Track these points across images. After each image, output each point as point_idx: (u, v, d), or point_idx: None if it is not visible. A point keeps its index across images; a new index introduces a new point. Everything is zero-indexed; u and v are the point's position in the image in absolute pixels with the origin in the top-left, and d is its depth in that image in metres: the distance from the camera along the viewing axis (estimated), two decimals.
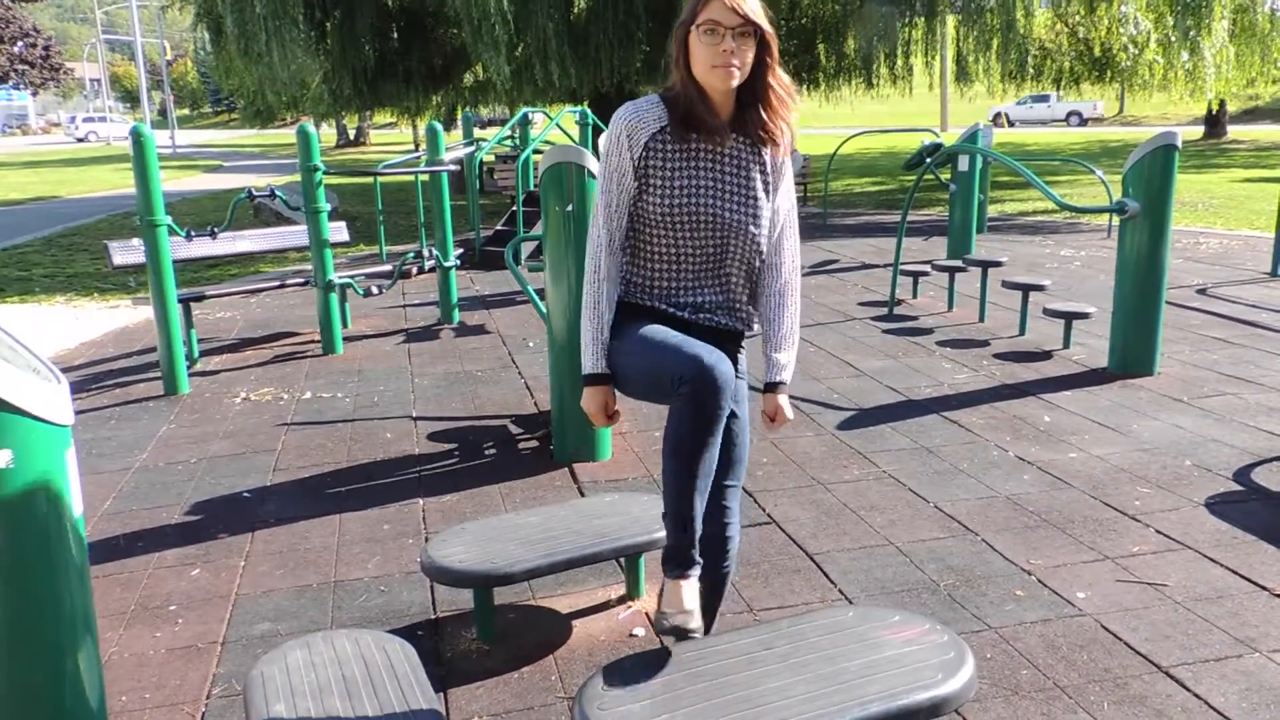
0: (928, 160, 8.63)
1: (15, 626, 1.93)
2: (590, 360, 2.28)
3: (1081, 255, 9.79)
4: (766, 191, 2.26)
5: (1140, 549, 3.37)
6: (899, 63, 15.96)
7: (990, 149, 8.22)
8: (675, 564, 2.18)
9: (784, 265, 2.33)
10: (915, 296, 7.85)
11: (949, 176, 9.65)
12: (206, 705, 2.64)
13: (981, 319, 6.97)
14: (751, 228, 2.24)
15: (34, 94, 58.09)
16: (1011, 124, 42.70)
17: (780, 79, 2.22)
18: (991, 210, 12.77)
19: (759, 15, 2.15)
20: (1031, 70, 17.31)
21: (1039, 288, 6.50)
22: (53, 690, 1.98)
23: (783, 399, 2.36)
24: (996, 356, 5.98)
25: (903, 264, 7.75)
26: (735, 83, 2.15)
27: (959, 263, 7.54)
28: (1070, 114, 42.79)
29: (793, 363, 2.35)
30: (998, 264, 7.23)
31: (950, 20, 16.38)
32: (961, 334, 6.60)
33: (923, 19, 15.59)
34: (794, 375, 5.60)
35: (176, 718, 2.59)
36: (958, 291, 7.51)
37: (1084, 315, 5.97)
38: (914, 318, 7.15)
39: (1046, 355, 5.98)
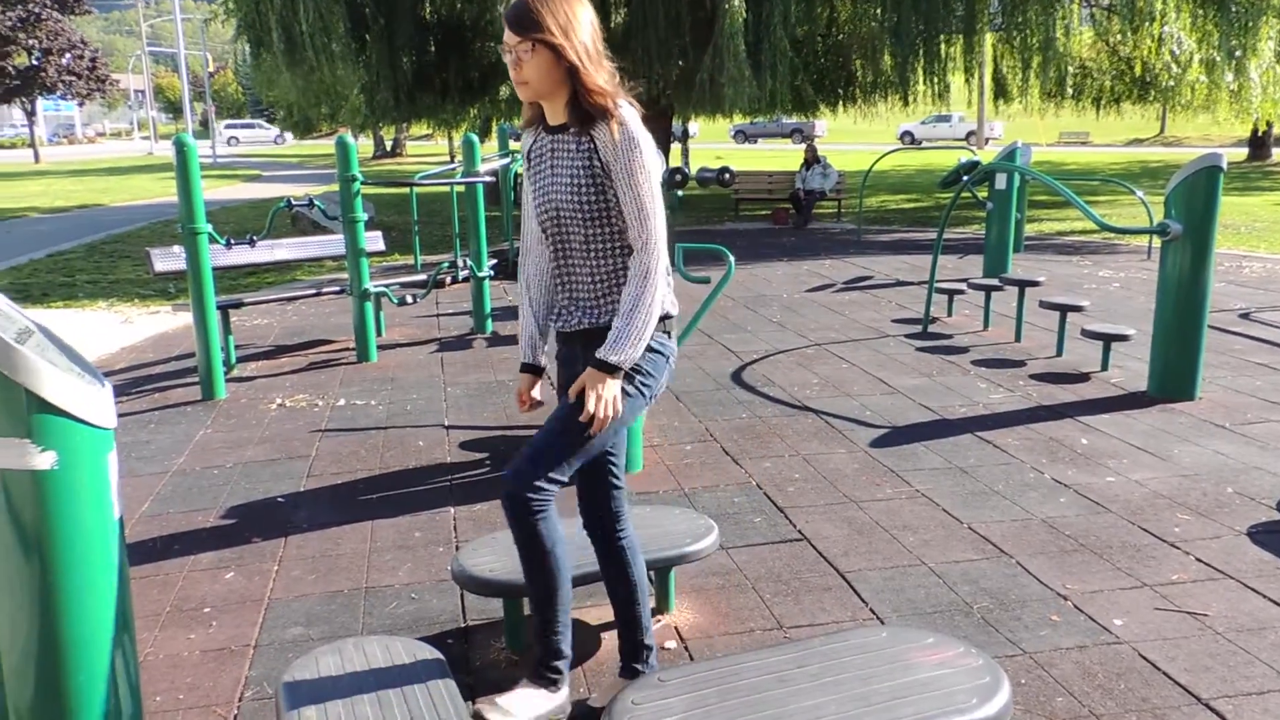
0: (964, 178, 8.57)
1: (56, 627, 1.95)
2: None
3: (1121, 276, 9.67)
4: (594, 180, 2.28)
5: (1180, 577, 3.30)
6: (936, 80, 15.87)
7: (1028, 167, 8.15)
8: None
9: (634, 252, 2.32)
10: (950, 314, 7.79)
11: (985, 195, 9.58)
12: (239, 708, 2.66)
13: (1018, 339, 6.90)
14: (574, 213, 2.31)
15: (80, 104, 59.37)
16: (917, 142, 42.21)
17: (588, 80, 2.21)
18: (1029, 229, 12.66)
19: (537, 29, 2.17)
20: (1071, 89, 17.18)
21: (1077, 308, 6.42)
22: (91, 690, 2.00)
23: (590, 376, 2.27)
24: (1033, 377, 5.91)
25: (938, 281, 7.69)
26: (525, 96, 2.27)
27: (995, 281, 7.47)
28: (969, 133, 42.35)
29: (616, 340, 2.26)
30: (1035, 283, 7.15)
31: (989, 38, 16.29)
32: (997, 353, 6.53)
33: (961, 36, 15.52)
34: (826, 390, 5.58)
35: (210, 719, 2.62)
36: (994, 311, 7.44)
37: (1123, 337, 5.89)
38: (948, 336, 7.09)
39: (1084, 377, 5.90)
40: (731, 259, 4.99)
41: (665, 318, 2.39)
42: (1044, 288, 8.28)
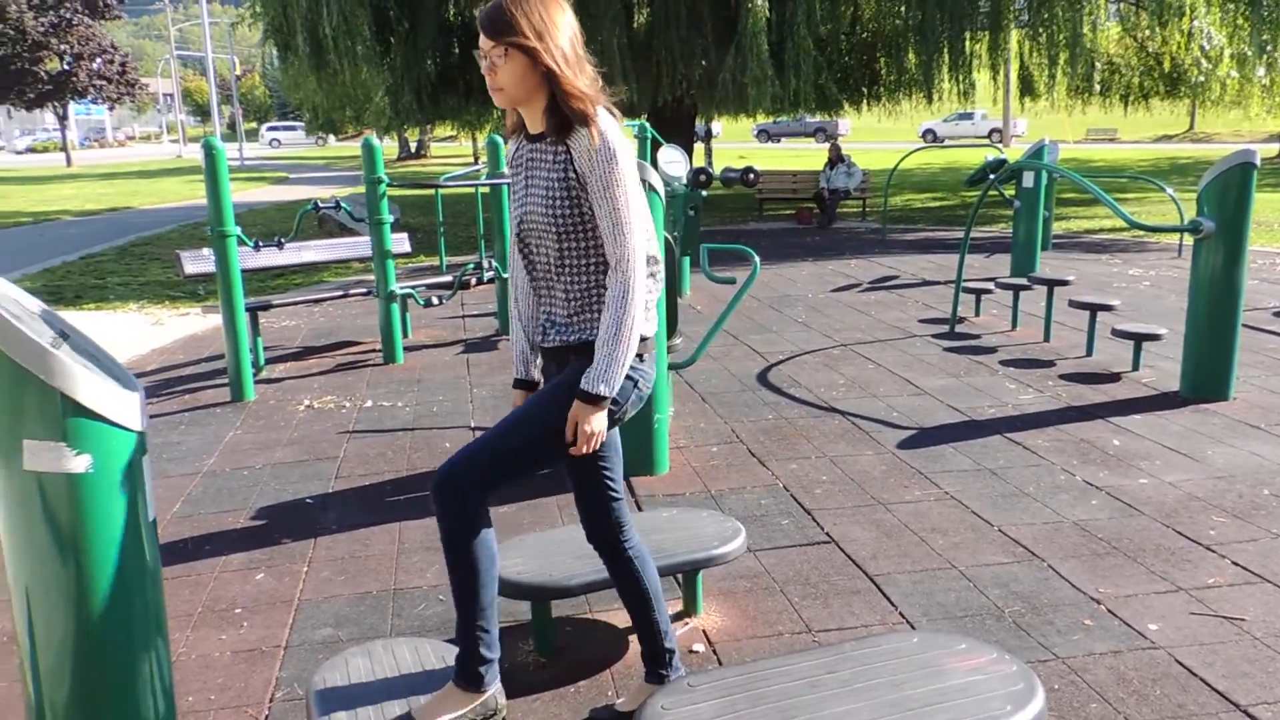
0: (991, 176, 8.50)
1: (91, 627, 1.97)
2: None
3: (1151, 275, 9.55)
4: (569, 192, 2.19)
5: (1216, 580, 3.25)
6: (961, 77, 15.74)
7: (1056, 165, 8.06)
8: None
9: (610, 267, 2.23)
10: (978, 314, 7.72)
11: (1012, 193, 9.49)
12: (270, 709, 2.68)
13: (1046, 338, 6.83)
14: (547, 226, 2.23)
15: (111, 108, 60.17)
16: (939, 140, 41.86)
17: (566, 84, 2.14)
18: (1056, 227, 12.53)
19: (511, 33, 2.12)
20: (1099, 85, 16.99)
21: (1107, 308, 6.34)
22: (125, 690, 2.02)
23: (577, 409, 2.19)
24: (1062, 377, 5.85)
25: (965, 281, 7.63)
26: (501, 102, 2.21)
27: (1024, 281, 7.40)
28: (993, 131, 41.98)
29: (600, 370, 2.17)
30: (1064, 282, 7.08)
31: (1015, 34, 16.14)
32: (1026, 353, 6.47)
33: (986, 33, 15.39)
34: (853, 391, 5.55)
35: (241, 719, 2.63)
36: (1022, 310, 7.37)
37: (1154, 337, 5.82)
38: (976, 336, 7.03)
39: (1115, 377, 5.83)
40: (757, 260, 4.98)
41: (640, 339, 2.27)
42: (1073, 287, 8.19)
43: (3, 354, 1.85)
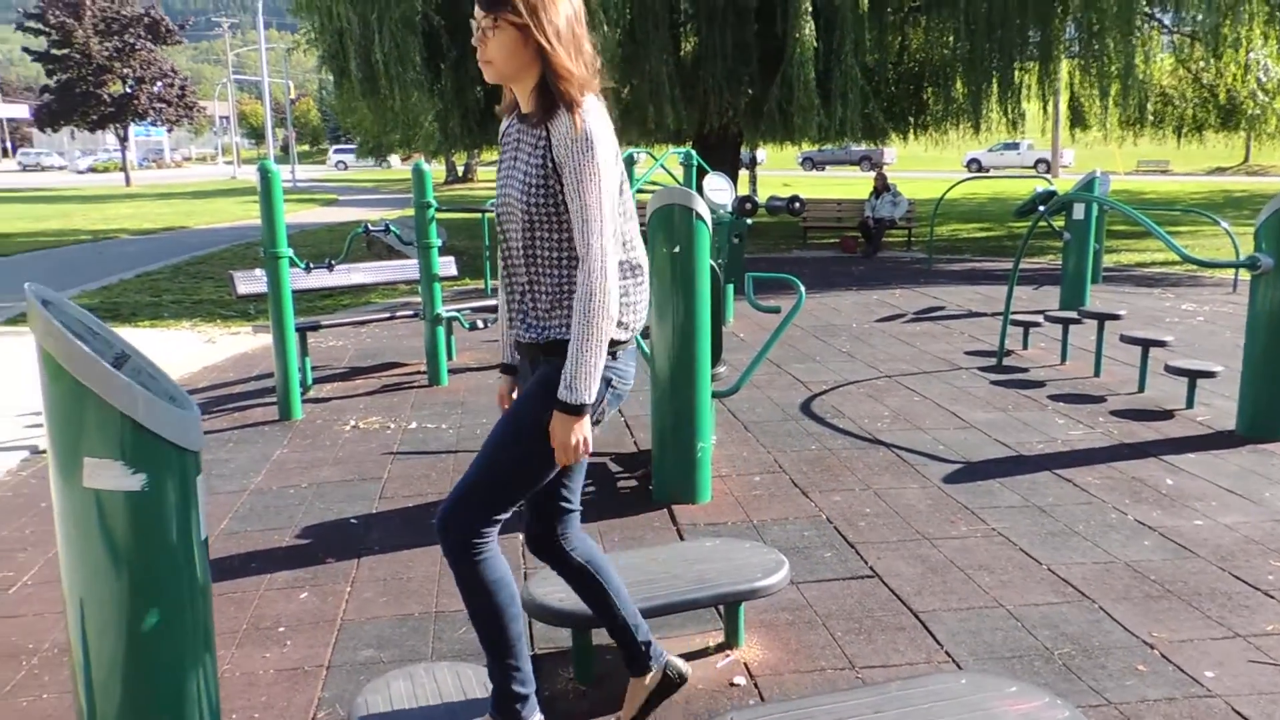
0: (1040, 208, 8.40)
1: (141, 643, 2.00)
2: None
3: (1205, 310, 9.36)
4: (545, 180, 2.11)
5: (1275, 628, 3.15)
6: (1010, 107, 15.63)
7: (1107, 197, 7.96)
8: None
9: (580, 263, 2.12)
10: (1025, 347, 7.61)
11: (1062, 225, 9.37)
12: None
13: (1097, 374, 6.71)
14: (520, 213, 2.15)
15: (169, 130, 61.78)
16: (984, 170, 41.38)
17: (556, 61, 2.06)
18: (1107, 260, 12.34)
19: (504, 6, 2.05)
20: (1151, 117, 16.77)
21: (1160, 343, 6.22)
22: (174, 704, 2.04)
23: (557, 422, 2.11)
24: (1114, 414, 5.74)
25: (1013, 313, 7.53)
26: (490, 77, 2.13)
27: (1074, 314, 7.29)
28: (1038, 161, 41.31)
29: (573, 378, 2.09)
30: (1115, 317, 6.96)
31: (1065, 65, 16.01)
32: (1076, 388, 6.36)
33: (1036, 63, 15.28)
34: (898, 423, 5.48)
35: None
36: (1071, 344, 7.25)
37: (1209, 374, 5.69)
38: (1024, 369, 6.93)
39: (1168, 415, 5.71)
40: (802, 289, 4.96)
41: (615, 343, 2.19)
42: (1124, 321, 8.05)
43: (66, 372, 1.90)
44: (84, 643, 2.00)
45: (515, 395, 2.49)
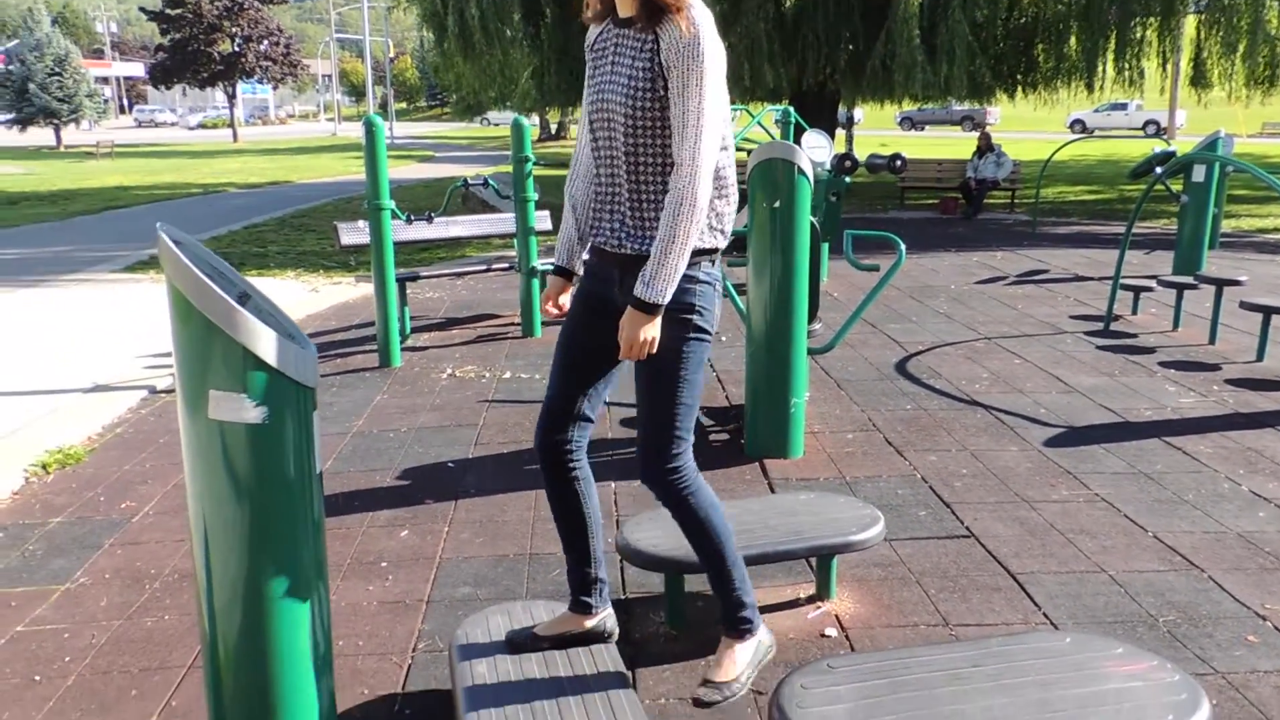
0: (1157, 169, 8.02)
1: (261, 569, 2.10)
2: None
3: None
4: (651, 83, 2.06)
5: None
6: (1128, 64, 14.86)
7: (1231, 157, 7.54)
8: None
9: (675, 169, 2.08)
10: (1135, 313, 7.32)
11: (1179, 187, 8.93)
12: (413, 658, 2.80)
13: (1212, 341, 6.41)
14: (623, 118, 2.10)
15: (274, 88, 63.52)
16: (1089, 131, 39.08)
17: None
18: (1225, 225, 11.74)
19: None
20: None
21: None
22: (290, 629, 2.14)
23: (631, 317, 2.09)
24: (1229, 382, 5.49)
25: (1123, 278, 7.23)
26: None
27: (1190, 279, 6.96)
28: (1147, 123, 38.81)
29: (654, 278, 2.06)
30: (1236, 283, 6.62)
31: (1190, 20, 15.13)
32: (1188, 355, 6.09)
33: (1158, 18, 14.48)
34: (997, 386, 5.35)
35: (386, 666, 2.76)
36: (1185, 310, 6.94)
37: None
38: (1133, 335, 6.67)
39: None
40: (903, 248, 4.86)
41: (710, 251, 2.17)
42: (1244, 288, 7.65)
43: (195, 309, 1.98)
44: (208, 568, 2.11)
45: (565, 299, 2.48)
